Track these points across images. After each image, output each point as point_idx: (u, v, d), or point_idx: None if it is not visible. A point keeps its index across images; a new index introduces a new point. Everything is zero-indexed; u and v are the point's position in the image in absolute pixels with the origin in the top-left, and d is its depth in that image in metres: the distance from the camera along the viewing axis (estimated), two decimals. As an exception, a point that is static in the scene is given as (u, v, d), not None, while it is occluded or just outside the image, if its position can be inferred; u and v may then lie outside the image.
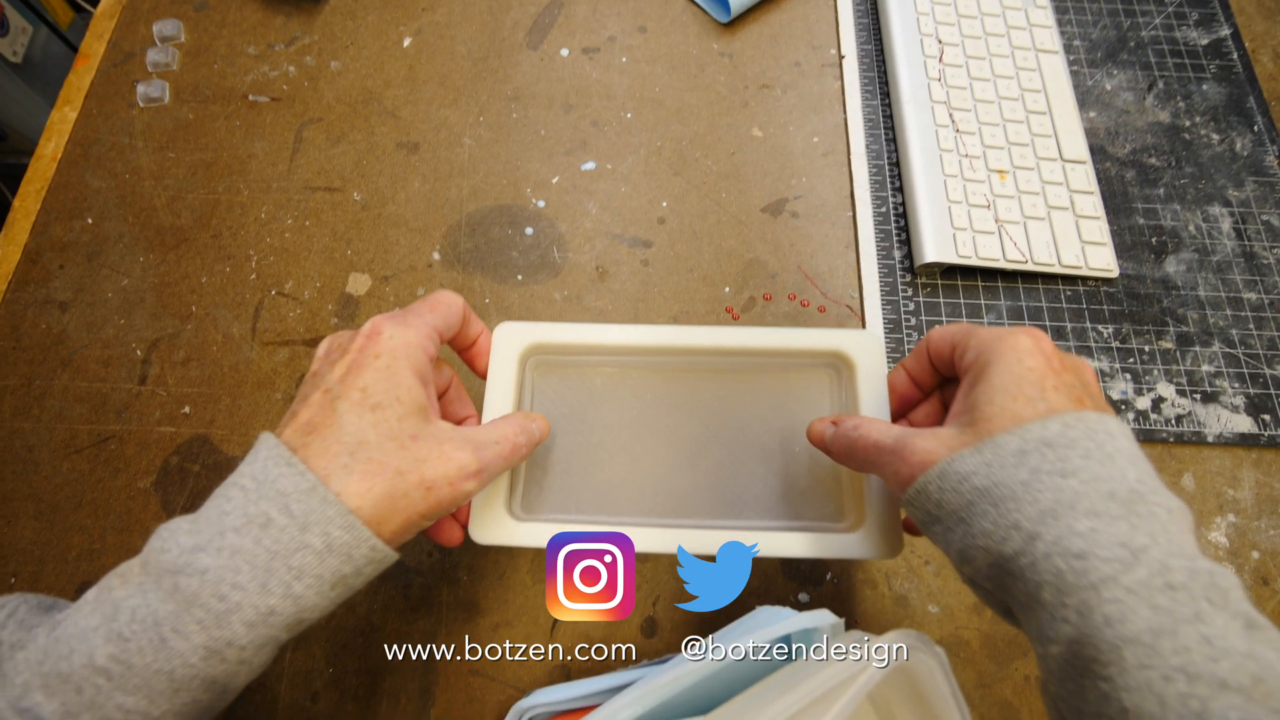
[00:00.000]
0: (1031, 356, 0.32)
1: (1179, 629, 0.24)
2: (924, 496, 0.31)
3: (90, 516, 0.51)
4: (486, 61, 0.67)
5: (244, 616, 0.27)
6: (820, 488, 0.42)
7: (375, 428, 0.30)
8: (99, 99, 0.66)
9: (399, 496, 0.30)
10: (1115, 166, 0.63)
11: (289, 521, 0.28)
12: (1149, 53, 0.67)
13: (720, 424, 0.43)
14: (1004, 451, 0.29)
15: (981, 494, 0.29)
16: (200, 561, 0.27)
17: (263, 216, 0.60)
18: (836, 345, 0.41)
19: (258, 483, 0.29)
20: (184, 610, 0.27)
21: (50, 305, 0.57)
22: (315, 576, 0.28)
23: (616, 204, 0.61)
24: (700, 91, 0.66)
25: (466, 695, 0.46)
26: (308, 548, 0.28)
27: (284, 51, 0.67)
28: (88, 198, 0.61)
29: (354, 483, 0.29)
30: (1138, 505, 0.27)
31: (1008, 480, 0.29)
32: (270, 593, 0.27)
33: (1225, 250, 0.59)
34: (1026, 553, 0.28)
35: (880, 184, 0.62)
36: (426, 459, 0.31)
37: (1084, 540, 0.27)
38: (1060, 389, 0.31)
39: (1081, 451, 0.29)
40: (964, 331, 0.35)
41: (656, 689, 0.30)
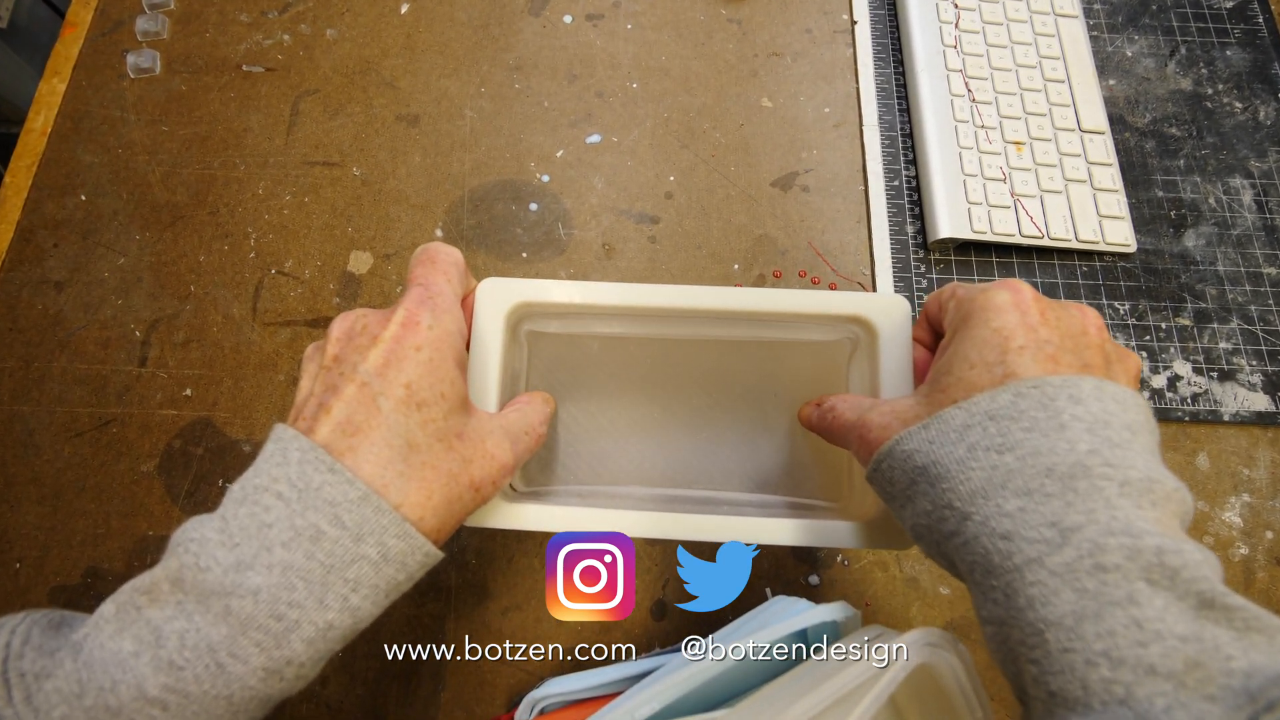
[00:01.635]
0: (1003, 314, 0.29)
1: (1104, 612, 0.23)
2: (878, 475, 0.31)
3: (94, 501, 0.50)
4: (487, 29, 0.65)
5: (303, 634, 0.26)
6: (826, 465, 0.40)
7: (423, 428, 0.29)
8: (88, 70, 0.64)
9: (454, 501, 0.30)
10: (1134, 137, 0.61)
11: (341, 533, 0.27)
12: (1171, 16, 0.65)
13: (724, 394, 0.41)
14: (948, 426, 0.28)
15: (920, 472, 0.29)
16: (250, 581, 0.26)
17: (260, 192, 0.59)
18: (857, 309, 0.37)
19: (299, 491, 0.27)
20: (240, 634, 0.25)
21: (46, 285, 0.56)
22: (372, 587, 0.27)
23: (623, 178, 0.60)
24: (708, 60, 0.64)
25: (478, 679, 0.46)
26: (363, 559, 0.27)
27: (277, 19, 0.65)
28: (80, 173, 0.60)
29: (414, 492, 0.28)
30: (1078, 481, 0.25)
31: (944, 458, 0.28)
32: (328, 607, 0.27)
33: (1246, 223, 0.58)
34: (960, 533, 0.27)
35: (893, 156, 0.60)
36: (473, 459, 0.31)
37: (1011, 520, 0.26)
38: (1028, 349, 0.28)
39: (1026, 423, 0.27)
40: (949, 290, 0.33)
41: (673, 685, 0.30)
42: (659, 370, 0.42)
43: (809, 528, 0.35)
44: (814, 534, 0.35)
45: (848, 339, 0.40)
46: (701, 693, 0.32)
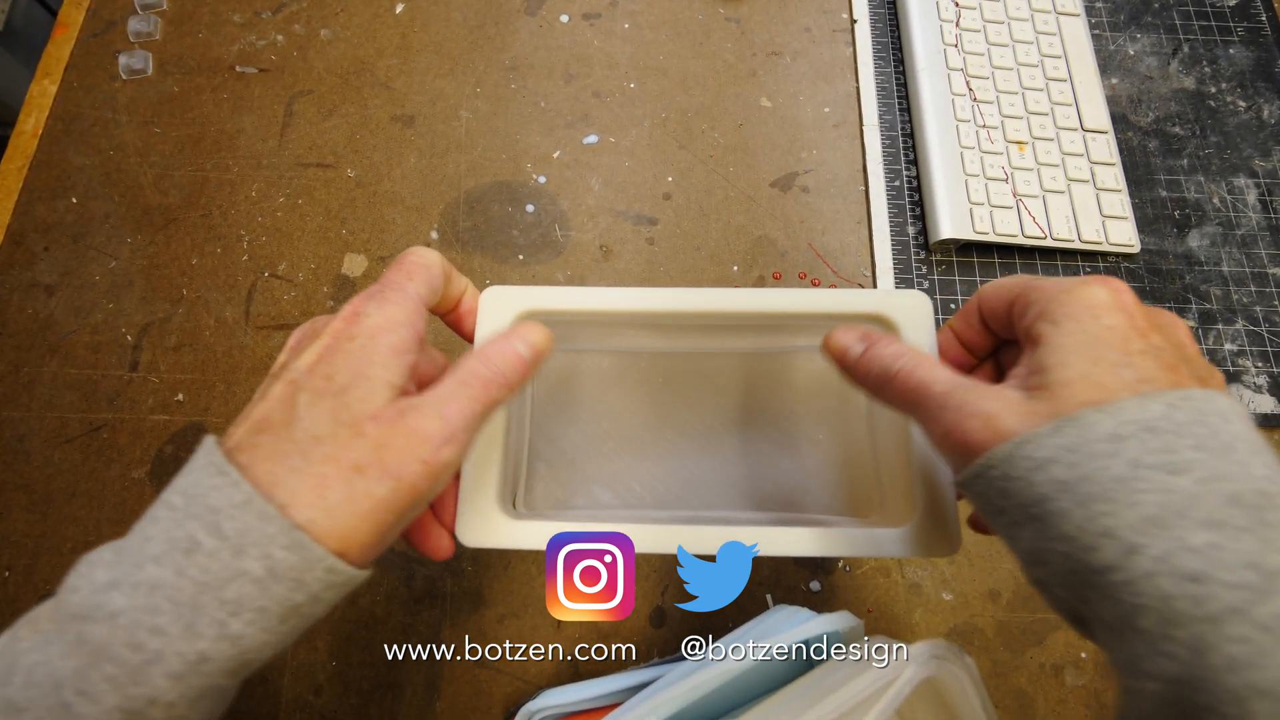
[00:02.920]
0: (1111, 313, 0.25)
1: None
2: (985, 482, 0.25)
3: (84, 508, 0.49)
4: (483, 29, 0.64)
5: (167, 667, 0.22)
6: (853, 477, 0.37)
7: (333, 415, 0.25)
8: (79, 71, 0.63)
9: (361, 499, 0.24)
10: (1137, 136, 0.60)
11: (219, 545, 0.23)
12: (1174, 14, 0.65)
13: (739, 410, 0.39)
14: (1092, 434, 0.23)
15: (1063, 489, 0.23)
16: (111, 602, 0.22)
17: (253, 195, 0.58)
18: (877, 307, 0.34)
19: (186, 499, 0.24)
20: (91, 666, 0.22)
21: (36, 289, 0.55)
22: (257, 610, 0.23)
23: (620, 179, 0.59)
24: (706, 59, 0.63)
25: (473, 688, 0.45)
26: (244, 575, 0.23)
27: (271, 19, 0.65)
28: (71, 176, 0.59)
29: (305, 490, 0.24)
30: (1268, 513, 0.21)
31: (1098, 474, 0.22)
32: (199, 635, 0.22)
33: (1250, 223, 0.57)
34: (1122, 568, 0.22)
35: (894, 156, 0.59)
36: (388, 443, 0.25)
37: (1200, 559, 0.21)
38: (1149, 354, 0.24)
39: (1191, 440, 0.22)
40: (1022, 284, 0.29)
41: (673, 696, 0.29)
42: (669, 388, 0.40)
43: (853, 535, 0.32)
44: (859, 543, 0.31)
45: None
46: (702, 705, 0.31)
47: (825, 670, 0.29)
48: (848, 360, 0.31)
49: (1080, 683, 0.46)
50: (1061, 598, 0.25)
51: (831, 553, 0.31)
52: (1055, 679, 0.46)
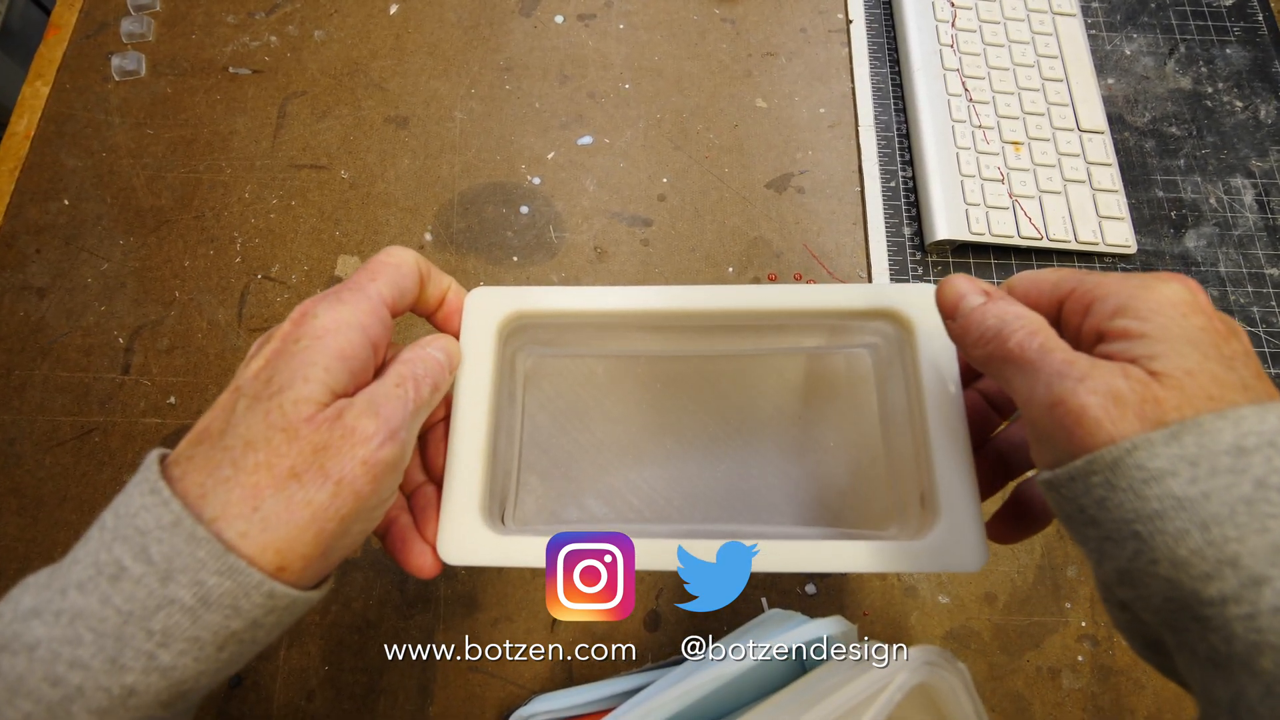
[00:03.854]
0: (1195, 314, 0.23)
1: None
2: (1082, 487, 0.22)
3: (75, 512, 0.49)
4: (477, 29, 0.64)
5: (90, 703, 0.20)
6: (866, 487, 0.35)
7: (265, 418, 0.23)
8: (72, 72, 0.63)
9: (299, 506, 0.23)
10: (1134, 137, 0.60)
11: (146, 570, 0.21)
12: (1170, 14, 0.64)
13: (740, 416, 0.37)
14: (1215, 446, 0.20)
15: (1180, 506, 0.20)
16: (32, 632, 0.21)
17: (246, 196, 0.58)
18: (889, 303, 0.32)
19: (117, 519, 0.22)
20: (6, 703, 0.20)
21: (27, 291, 0.55)
22: (189, 640, 0.21)
23: (615, 180, 0.59)
24: (701, 60, 0.63)
25: (466, 692, 0.45)
26: (173, 604, 0.21)
27: (265, 20, 0.64)
28: (63, 177, 0.59)
29: (236, 501, 0.22)
30: None
31: (1222, 493, 0.20)
32: (125, 669, 0.21)
33: (1247, 224, 0.57)
34: (1243, 600, 0.19)
35: (889, 157, 0.59)
36: (327, 444, 0.23)
37: None
38: (1239, 359, 0.22)
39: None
40: (1075, 279, 0.26)
41: (666, 702, 0.29)
42: (667, 393, 0.39)
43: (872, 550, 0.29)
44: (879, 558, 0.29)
45: (867, 346, 0.36)
46: (694, 710, 0.31)
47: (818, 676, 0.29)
48: (961, 309, 0.27)
49: (1077, 686, 0.45)
50: (1147, 623, 0.23)
51: (844, 569, 0.29)
52: (1052, 682, 0.45)
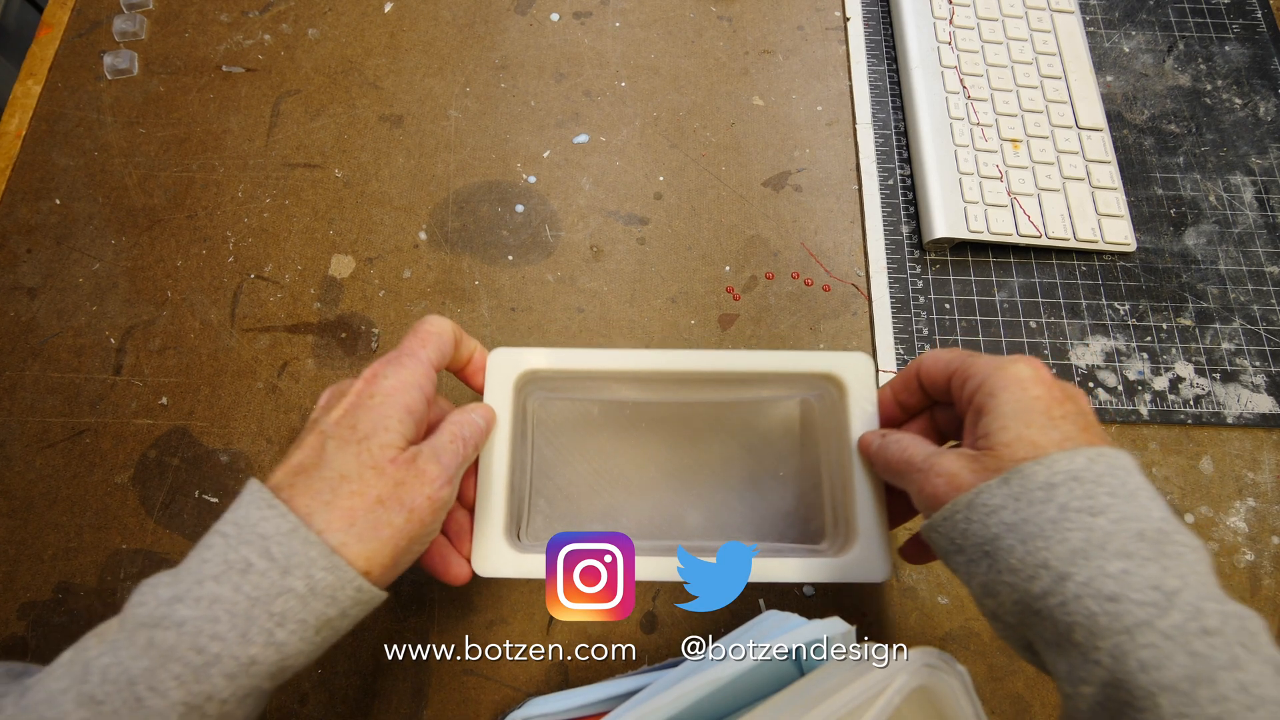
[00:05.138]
0: (1034, 385, 0.31)
1: (1216, 676, 0.24)
2: (949, 525, 0.31)
3: (66, 514, 0.49)
4: (472, 28, 0.64)
5: (224, 668, 0.26)
6: (805, 510, 0.43)
7: (357, 458, 0.30)
8: (64, 71, 0.62)
9: (383, 526, 0.30)
10: (1133, 134, 0.60)
11: (269, 565, 0.27)
12: (1169, 11, 0.64)
13: (711, 451, 0.45)
14: (1031, 484, 0.29)
15: (1009, 529, 0.28)
16: (177, 613, 0.26)
17: (240, 195, 0.58)
18: (829, 369, 0.41)
19: (238, 528, 0.28)
20: (160, 666, 0.26)
21: (18, 291, 0.55)
22: (299, 622, 0.28)
23: (611, 179, 0.58)
24: (698, 58, 0.63)
25: (461, 695, 0.45)
26: (290, 592, 0.27)
27: (258, 18, 0.64)
28: (55, 177, 0.58)
29: (336, 518, 0.29)
30: (1166, 545, 0.27)
31: (1036, 517, 0.28)
32: (251, 642, 0.27)
33: (1247, 221, 0.57)
34: (1055, 593, 0.27)
35: (887, 155, 0.59)
36: (405, 481, 0.31)
37: (1116, 582, 0.26)
38: (1067, 418, 0.31)
39: (1107, 488, 0.28)
40: (960, 359, 0.35)
41: (662, 705, 0.29)
42: (652, 432, 0.46)
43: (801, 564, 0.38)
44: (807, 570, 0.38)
45: (815, 397, 0.44)
46: (692, 712, 0.30)
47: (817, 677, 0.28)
48: (871, 449, 0.37)
49: (1078, 687, 0.45)
50: (1011, 625, 0.30)
51: (782, 579, 0.38)
52: (1052, 684, 0.45)
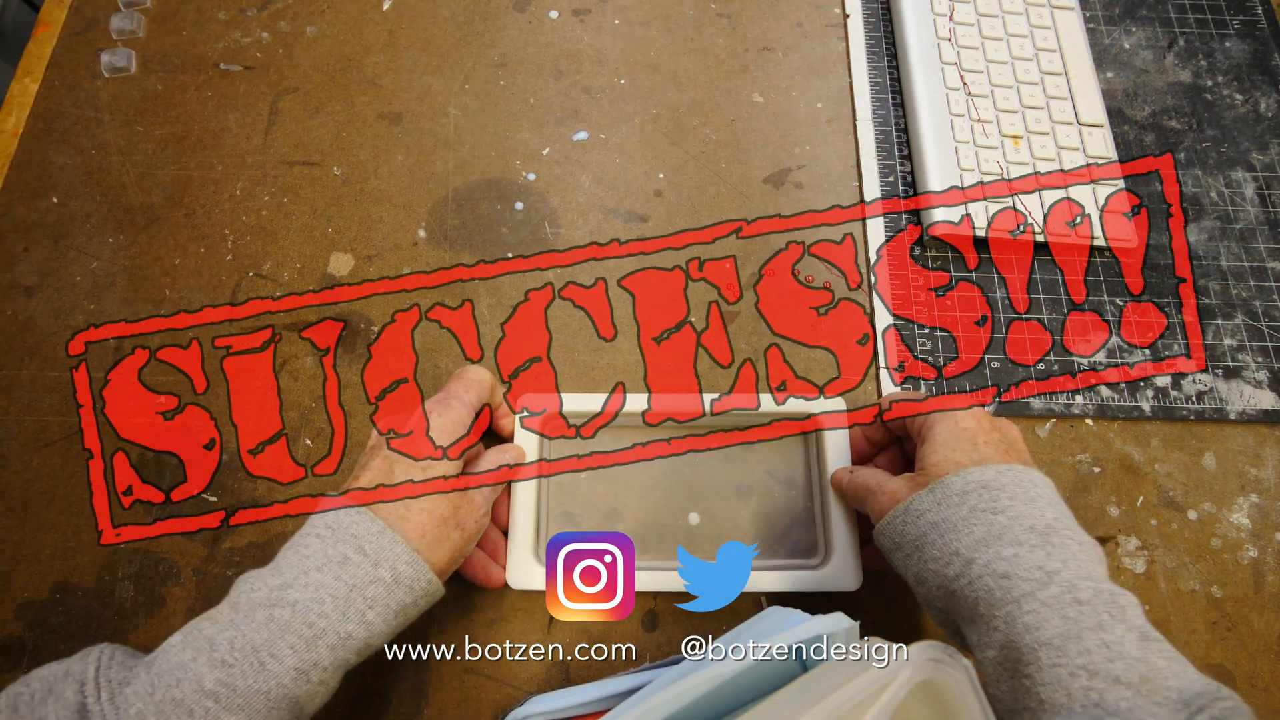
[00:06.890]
0: (967, 419, 0.39)
1: (1083, 635, 0.30)
2: (891, 528, 0.38)
3: (63, 514, 0.48)
4: (471, 25, 0.64)
5: (328, 641, 0.33)
6: (794, 529, 0.48)
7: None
8: (61, 69, 0.62)
9: (445, 538, 0.37)
10: (1134, 130, 0.60)
11: (363, 559, 0.34)
12: (1169, 7, 0.64)
13: (709, 478, 0.49)
14: (950, 491, 0.36)
15: (932, 527, 0.36)
16: (290, 596, 0.33)
17: (238, 193, 0.57)
18: (810, 412, 0.48)
19: (333, 530, 0.35)
20: (278, 637, 0.32)
21: (15, 290, 0.54)
22: (384, 605, 0.34)
23: (611, 176, 0.58)
24: (698, 55, 0.63)
25: (461, 694, 0.44)
26: (379, 580, 0.34)
27: (256, 16, 0.64)
28: (52, 175, 0.58)
29: (411, 528, 0.36)
30: (1052, 538, 0.34)
31: (951, 516, 0.35)
32: (349, 619, 0.33)
33: (1249, 217, 0.56)
34: (964, 574, 0.34)
35: (887, 152, 0.59)
36: (460, 505, 0.39)
37: (1008, 564, 0.33)
38: (990, 444, 0.38)
39: (1009, 494, 0.35)
40: (916, 406, 0.42)
41: (663, 702, 0.28)
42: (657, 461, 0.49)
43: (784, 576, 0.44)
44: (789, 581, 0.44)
45: (800, 435, 0.50)
46: (693, 710, 0.30)
47: (821, 673, 0.28)
48: (842, 486, 0.45)
49: (1081, 684, 0.45)
50: (940, 609, 0.37)
51: (768, 589, 0.44)
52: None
